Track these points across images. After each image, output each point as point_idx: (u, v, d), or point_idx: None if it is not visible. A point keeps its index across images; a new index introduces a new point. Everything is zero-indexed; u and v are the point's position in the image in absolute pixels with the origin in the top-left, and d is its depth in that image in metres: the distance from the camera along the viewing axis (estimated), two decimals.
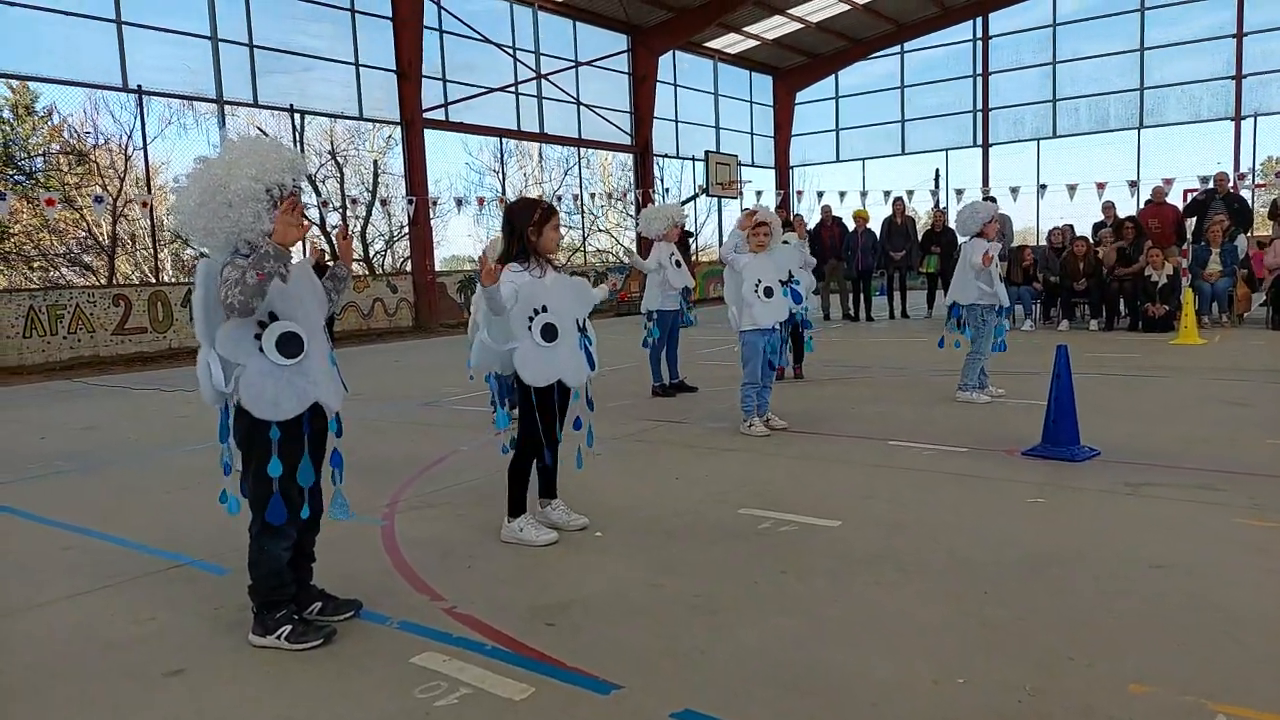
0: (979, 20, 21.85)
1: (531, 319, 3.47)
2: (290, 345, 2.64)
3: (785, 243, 7.13)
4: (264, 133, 16.37)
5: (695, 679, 2.41)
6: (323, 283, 2.91)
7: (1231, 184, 12.47)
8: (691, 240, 19.64)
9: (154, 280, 14.32)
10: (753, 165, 23.76)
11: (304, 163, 2.76)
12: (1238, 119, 19.04)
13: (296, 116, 15.48)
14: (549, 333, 3.50)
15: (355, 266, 19.46)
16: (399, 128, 16.34)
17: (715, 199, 21.34)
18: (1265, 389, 6.48)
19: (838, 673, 2.41)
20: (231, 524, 2.83)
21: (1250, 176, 18.29)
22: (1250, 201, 13.17)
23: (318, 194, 18.14)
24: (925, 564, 3.19)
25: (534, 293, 3.47)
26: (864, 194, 22.05)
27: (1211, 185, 12.23)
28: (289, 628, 2.70)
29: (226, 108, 14.18)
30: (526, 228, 3.51)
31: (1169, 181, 14.19)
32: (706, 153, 19.83)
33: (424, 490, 4.54)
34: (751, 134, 24.38)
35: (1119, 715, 2.13)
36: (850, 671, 2.41)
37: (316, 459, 2.78)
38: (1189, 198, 13.37)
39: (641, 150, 20.84)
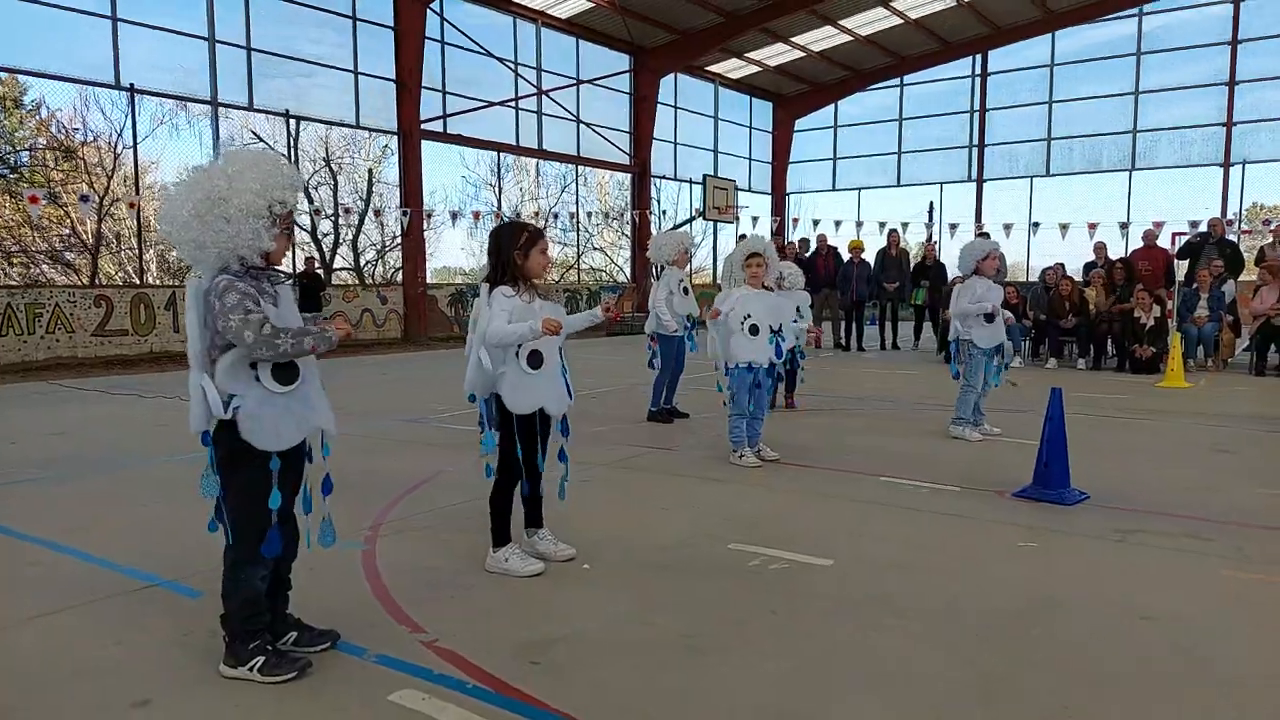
0: (978, 57, 22.11)
1: (519, 345, 3.40)
2: (286, 371, 2.56)
3: (779, 280, 7.16)
4: (258, 137, 16.37)
5: None
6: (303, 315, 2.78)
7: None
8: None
9: (138, 282, 14.16)
10: (750, 190, 23.87)
11: (302, 182, 2.70)
12: (1227, 165, 19.31)
13: (292, 122, 15.43)
14: (535, 359, 3.43)
15: (345, 276, 19.39)
16: (396, 137, 16.31)
17: (712, 223, 21.38)
18: (1249, 436, 6.49)
19: None
20: (203, 543, 2.74)
21: (1237, 222, 18.52)
22: (1239, 246, 13.29)
23: (311, 201, 18.05)
24: (917, 608, 3.13)
25: (523, 319, 3.40)
26: (859, 224, 22.18)
27: (1206, 229, 12.33)
28: (262, 659, 2.61)
29: (221, 110, 14.11)
30: (513, 251, 3.44)
31: (1159, 224, 14.33)
32: (705, 176, 19.90)
33: (408, 513, 4.45)
34: (750, 159, 24.52)
35: None
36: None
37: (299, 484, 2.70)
38: (1177, 241, 13.49)
39: (640, 170, 20.89)
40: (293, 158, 16.66)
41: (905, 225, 19.83)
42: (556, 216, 20.46)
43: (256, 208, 2.48)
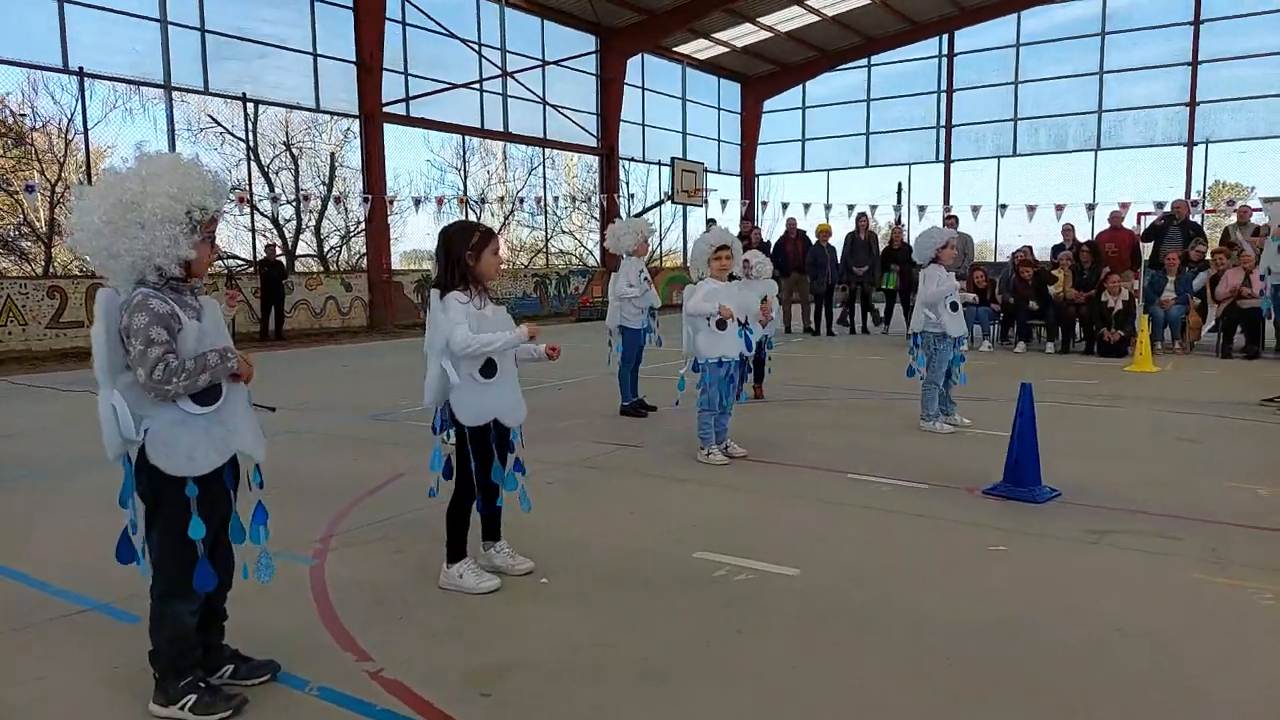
0: (945, 37, 22.06)
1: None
2: (205, 391, 2.37)
3: (746, 261, 7.02)
4: (216, 121, 15.90)
5: None
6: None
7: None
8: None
9: (93, 272, 13.71)
10: (719, 172, 23.71)
11: (225, 187, 2.50)
12: (1190, 144, 19.49)
13: (250, 105, 14.98)
14: (489, 368, 3.27)
15: (309, 263, 18.97)
16: (357, 121, 15.91)
17: (680, 206, 21.21)
18: (1218, 424, 6.50)
19: None
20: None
21: (1201, 201, 18.72)
22: (1202, 226, 13.40)
23: (271, 187, 17.62)
24: (886, 625, 3.03)
25: (478, 325, 3.23)
26: (828, 207, 22.13)
27: (1170, 210, 12.40)
28: (194, 697, 2.45)
29: (175, 94, 13.65)
30: (464, 252, 3.25)
31: (1125, 205, 14.41)
32: (673, 159, 19.70)
33: (362, 521, 4.28)
34: (718, 141, 24.33)
35: None
36: None
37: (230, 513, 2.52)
38: (1144, 222, 13.57)
39: (607, 153, 20.64)
40: (252, 142, 16.22)
41: (874, 208, 19.83)
42: (524, 200, 20.17)
43: (173, 213, 2.29)
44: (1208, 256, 11.15)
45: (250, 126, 16.26)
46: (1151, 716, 2.41)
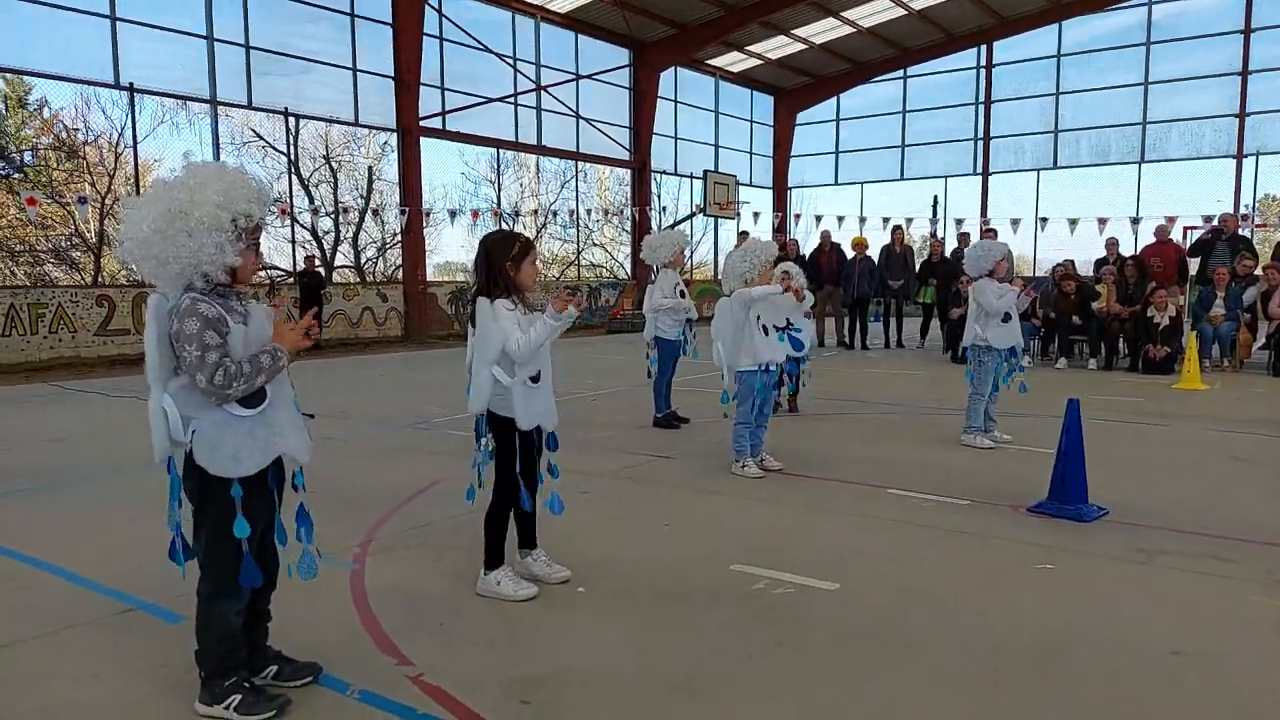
0: (982, 48, 21.84)
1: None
2: (252, 394, 2.41)
3: (785, 273, 6.98)
4: (258, 135, 16.24)
5: None
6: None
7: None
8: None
9: (140, 281, 14.05)
10: (751, 185, 23.66)
11: (269, 195, 2.55)
12: (1240, 157, 19.04)
13: (291, 120, 15.28)
14: (537, 374, 3.31)
15: (347, 273, 19.26)
16: (395, 134, 16.15)
17: (712, 219, 21.20)
18: (1268, 443, 6.31)
19: None
20: (190, 566, 2.61)
21: (1250, 215, 18.27)
22: (1251, 240, 13.07)
23: (310, 199, 17.93)
24: (930, 639, 2.98)
25: (527, 329, 3.26)
26: (863, 219, 21.96)
27: (1217, 224, 12.12)
28: (239, 697, 2.47)
29: (220, 108, 13.97)
30: (505, 262, 3.28)
31: (1171, 219, 14.12)
32: (705, 171, 19.70)
33: (401, 527, 4.31)
34: (751, 153, 24.30)
35: None
36: None
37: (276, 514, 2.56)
38: (1189, 236, 13.28)
39: (640, 166, 20.71)
40: (293, 155, 16.53)
41: (909, 220, 19.63)
42: (556, 214, 20.30)
43: (219, 220, 2.33)
44: (1257, 271, 10.86)
45: (291, 140, 16.58)
46: None
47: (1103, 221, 17.50)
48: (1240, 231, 12.53)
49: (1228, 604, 3.28)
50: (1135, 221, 19.14)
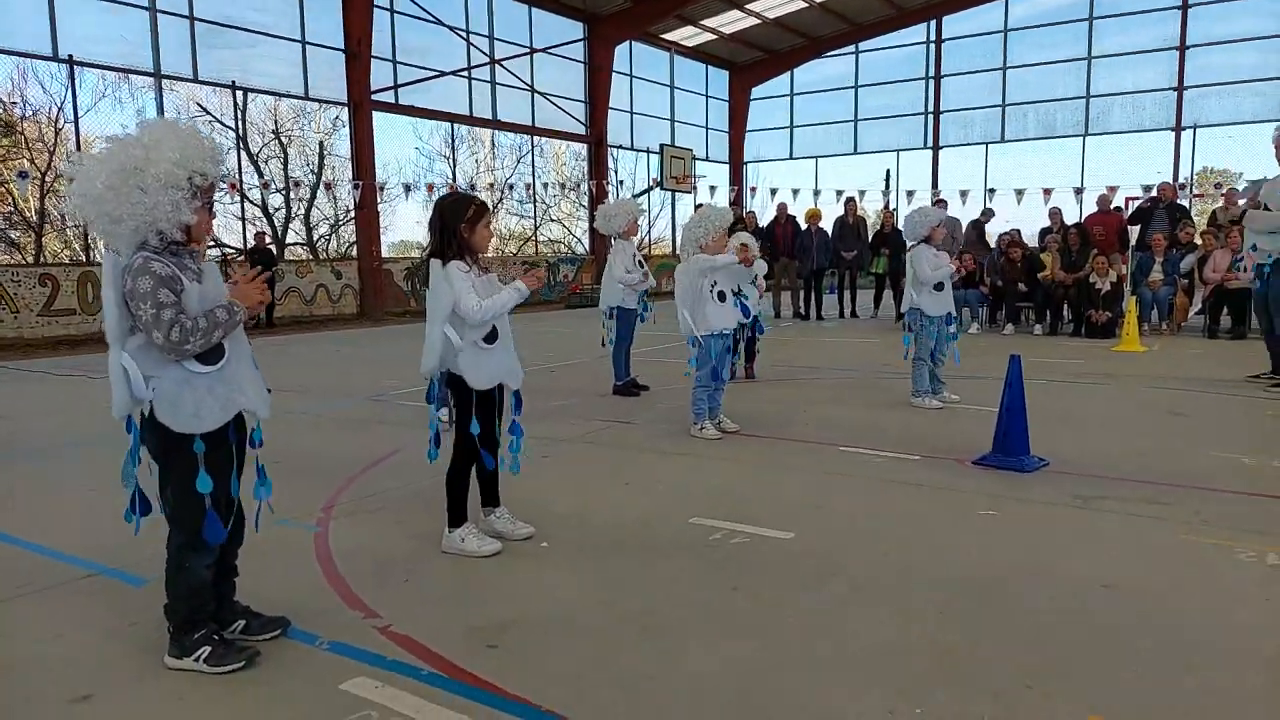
0: (933, 23, 22.10)
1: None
2: (209, 350, 2.43)
3: (743, 244, 7.09)
4: (205, 110, 15.81)
5: (642, 708, 2.29)
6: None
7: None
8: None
9: (84, 260, 13.67)
10: (707, 160, 23.73)
11: (223, 153, 2.56)
12: (1178, 129, 19.62)
13: (239, 94, 14.92)
14: (490, 335, 3.36)
15: (299, 250, 18.93)
16: (346, 109, 15.86)
17: (669, 193, 21.24)
18: (1203, 398, 6.62)
19: (790, 701, 2.31)
20: (148, 529, 2.62)
21: (1189, 186, 18.87)
22: (1190, 210, 13.53)
23: (260, 175, 17.54)
24: (878, 580, 3.12)
25: (484, 291, 3.31)
26: (817, 192, 22.19)
27: (1156, 194, 12.52)
28: (208, 649, 2.51)
29: (165, 82, 13.58)
30: (459, 224, 3.33)
31: (1113, 189, 14.54)
32: (661, 146, 19.71)
33: (362, 494, 4.34)
34: (706, 128, 24.34)
35: None
36: (803, 700, 2.32)
37: (239, 469, 2.58)
38: (1130, 205, 13.71)
39: (596, 141, 20.63)
40: (241, 130, 16.14)
41: (863, 193, 19.92)
42: (513, 188, 20.16)
43: (175, 178, 2.34)
44: (1196, 240, 11.27)
45: (239, 115, 16.19)
46: (1136, 663, 2.49)
47: (1048, 192, 17.96)
48: (1178, 201, 12.96)
49: (1158, 542, 3.48)
50: (1079, 192, 19.65)
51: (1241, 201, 11.29)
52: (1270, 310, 7.11)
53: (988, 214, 14.23)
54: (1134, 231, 12.05)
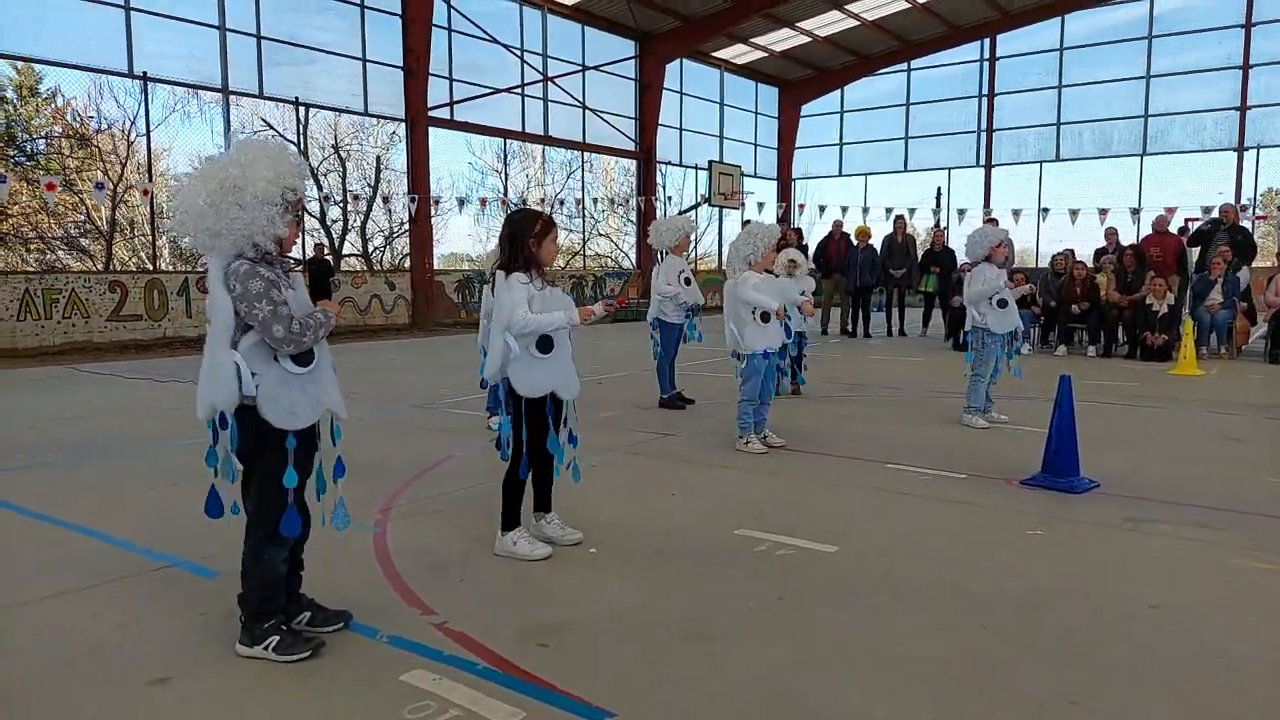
0: (986, 41, 21.91)
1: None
2: (304, 353, 2.61)
3: (791, 261, 7.14)
4: (269, 125, 16.38)
5: (687, 709, 2.37)
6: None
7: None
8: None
9: (151, 268, 14.23)
10: (755, 176, 23.78)
11: (308, 170, 2.75)
12: (1240, 150, 19.12)
13: (301, 109, 15.43)
14: (545, 344, 3.47)
15: (354, 262, 19.44)
16: (403, 124, 16.30)
17: (717, 209, 21.32)
18: (1261, 424, 6.47)
19: (832, 708, 2.36)
20: (218, 524, 2.78)
21: (1251, 208, 18.36)
22: (1252, 233, 13.17)
23: (319, 188, 18.09)
24: (924, 595, 3.15)
25: (540, 304, 3.44)
26: (866, 210, 22.08)
27: (1217, 215, 12.23)
28: (277, 638, 2.65)
29: (231, 98, 14.13)
30: (528, 239, 3.47)
31: (1171, 210, 14.23)
32: (710, 162, 19.83)
33: (417, 496, 4.49)
34: (755, 145, 24.41)
35: None
36: (846, 707, 2.37)
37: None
38: (1190, 226, 13.41)
39: (645, 156, 20.83)
40: (302, 145, 16.69)
41: (912, 211, 19.76)
42: (563, 203, 20.43)
43: (270, 195, 2.52)
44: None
45: (301, 129, 16.75)
46: (1181, 683, 2.49)
47: (1104, 212, 17.62)
48: (1240, 223, 12.64)
49: (1209, 565, 3.44)
50: (1135, 212, 19.24)
51: None
52: None
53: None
54: (1194, 254, 11.77)
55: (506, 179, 19.17)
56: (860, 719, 2.30)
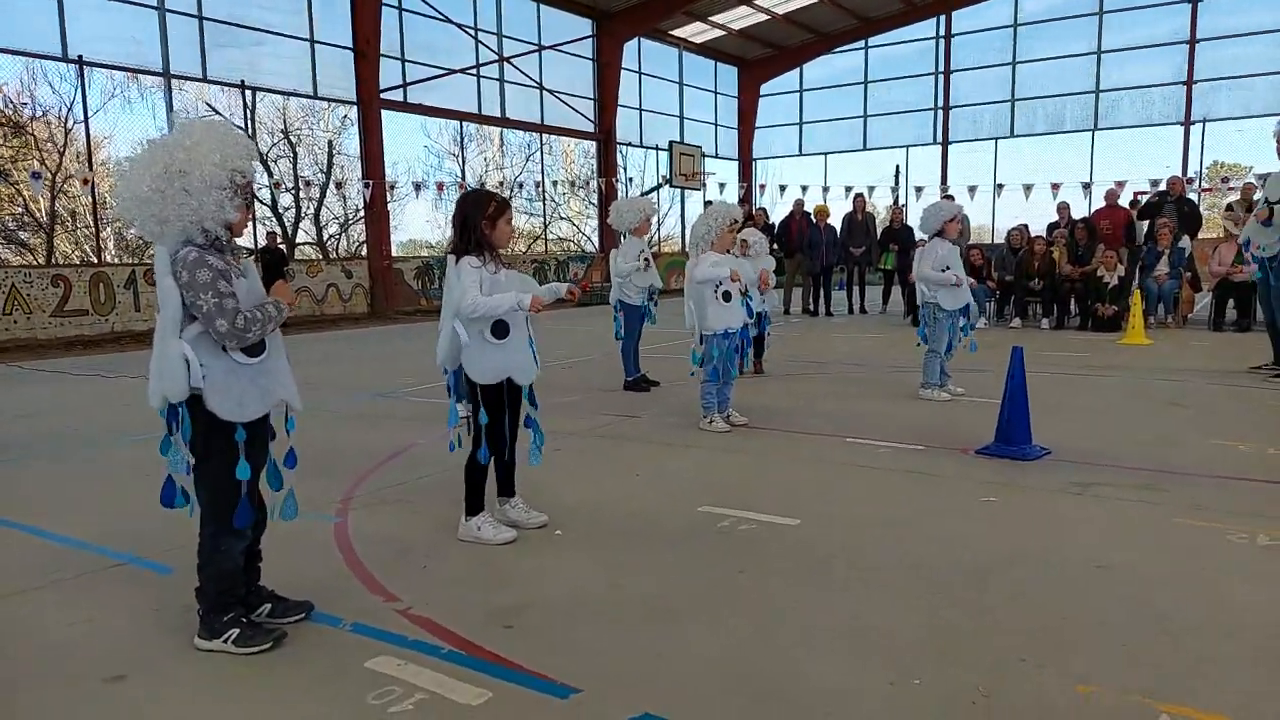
0: (942, 18, 22.08)
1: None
2: (255, 344, 2.55)
3: (744, 241, 7.17)
4: (214, 109, 15.95)
5: (653, 683, 2.40)
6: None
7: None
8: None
9: (95, 260, 13.84)
10: (716, 156, 23.76)
11: (256, 150, 2.67)
12: (1187, 124, 19.55)
13: (247, 93, 15.06)
14: (500, 329, 3.45)
15: (309, 250, 19.10)
16: (355, 108, 15.99)
17: (679, 190, 21.30)
18: (1204, 389, 6.68)
19: (794, 677, 2.41)
20: (173, 519, 2.74)
21: (1198, 180, 18.81)
22: (1198, 205, 13.50)
23: (270, 175, 17.70)
24: (882, 565, 3.21)
25: (491, 288, 3.40)
26: (826, 189, 22.21)
27: (1164, 188, 12.52)
28: (237, 630, 2.62)
29: (174, 82, 13.73)
30: (480, 220, 3.43)
31: (1121, 184, 14.53)
32: (671, 143, 19.77)
33: (379, 485, 4.45)
34: (715, 125, 24.38)
35: (1068, 716, 2.17)
36: (806, 675, 2.42)
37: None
38: (1138, 200, 13.70)
39: (604, 138, 20.71)
40: (250, 130, 16.29)
41: (872, 189, 19.93)
42: (522, 186, 20.25)
43: (218, 178, 2.45)
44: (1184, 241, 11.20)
45: (248, 114, 16.34)
46: (1126, 637, 2.58)
47: (1056, 187, 17.93)
48: (1187, 195, 12.95)
49: (1152, 526, 3.56)
50: (1087, 186, 19.62)
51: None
52: (1272, 302, 7.15)
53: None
54: (1143, 227, 12.05)
55: (464, 162, 18.93)
56: (822, 690, 2.35)
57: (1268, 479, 4.18)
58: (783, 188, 21.88)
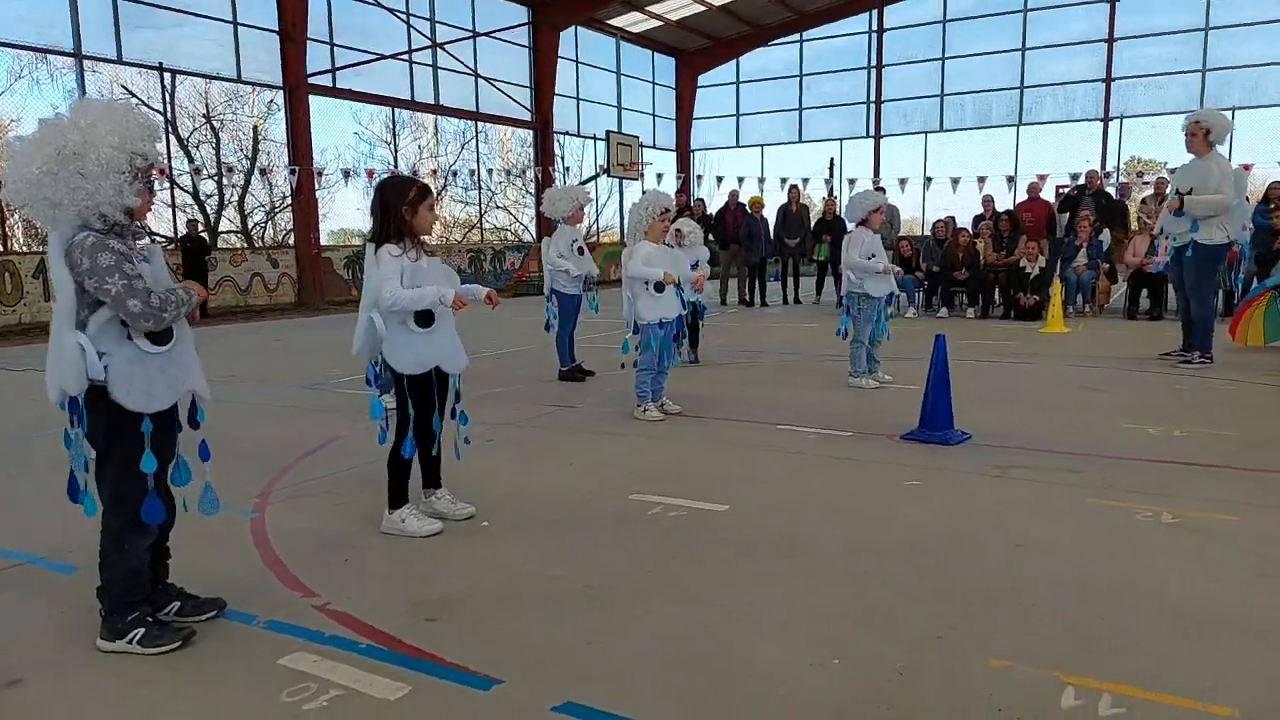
0: (875, 12, 22.45)
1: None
2: (160, 332, 2.43)
3: (677, 230, 7.18)
4: (129, 92, 15.28)
5: (580, 671, 2.37)
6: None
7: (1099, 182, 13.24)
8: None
9: (2, 248, 13.14)
10: (654, 147, 23.77)
11: (160, 130, 2.54)
12: (1106, 120, 20.32)
13: (166, 76, 14.46)
14: (424, 319, 3.37)
15: (233, 239, 18.47)
16: (281, 92, 15.49)
17: (616, 179, 21.23)
18: (1120, 375, 6.95)
19: (722, 658, 2.42)
20: (77, 518, 2.60)
21: (1115, 175, 19.57)
22: (1114, 198, 14.02)
23: (190, 160, 17.06)
24: (809, 548, 3.25)
25: (412, 277, 3.32)
26: (762, 180, 22.43)
27: (1083, 182, 12.98)
28: (142, 630, 2.51)
29: (86, 63, 13.09)
30: (401, 207, 3.33)
31: (1043, 177, 15.02)
32: (608, 132, 19.68)
33: (301, 479, 4.32)
34: (653, 115, 24.38)
35: (979, 689, 2.23)
36: (735, 656, 2.43)
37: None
38: (1060, 193, 14.19)
39: (541, 127, 20.51)
40: (170, 114, 15.66)
41: (806, 181, 20.17)
42: (457, 174, 19.94)
43: (116, 162, 2.32)
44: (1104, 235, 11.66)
45: (167, 98, 15.71)
46: (1040, 612, 2.67)
47: (982, 180, 18.46)
48: (1105, 189, 13.45)
49: (1066, 506, 3.69)
50: (1011, 180, 20.24)
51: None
52: (1187, 290, 7.46)
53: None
54: (1062, 219, 12.48)
55: (396, 150, 18.55)
56: (748, 666, 2.37)
57: (1173, 459, 4.38)
58: (719, 179, 22.02)
